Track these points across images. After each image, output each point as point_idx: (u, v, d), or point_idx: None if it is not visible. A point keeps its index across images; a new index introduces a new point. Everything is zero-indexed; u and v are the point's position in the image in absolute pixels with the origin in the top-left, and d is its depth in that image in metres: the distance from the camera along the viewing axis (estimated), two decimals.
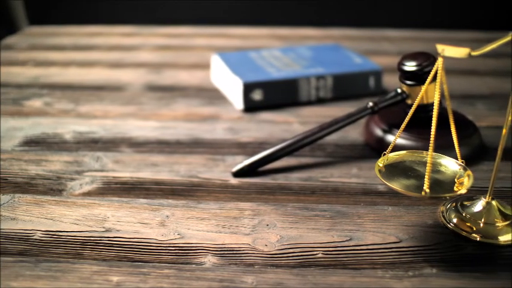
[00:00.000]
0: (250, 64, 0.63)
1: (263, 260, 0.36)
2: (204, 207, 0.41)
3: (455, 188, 0.36)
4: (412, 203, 0.42)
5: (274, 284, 0.34)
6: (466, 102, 0.62)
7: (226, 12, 0.99)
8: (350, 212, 0.41)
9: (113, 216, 0.40)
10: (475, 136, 0.50)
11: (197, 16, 0.98)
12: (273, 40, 0.87)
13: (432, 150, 0.35)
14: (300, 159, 0.49)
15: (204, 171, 0.46)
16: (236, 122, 0.56)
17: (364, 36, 0.90)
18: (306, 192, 0.44)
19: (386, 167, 0.37)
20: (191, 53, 0.80)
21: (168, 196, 0.43)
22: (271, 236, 0.38)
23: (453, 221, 0.39)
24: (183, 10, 0.99)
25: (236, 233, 0.38)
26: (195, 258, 0.36)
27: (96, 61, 0.76)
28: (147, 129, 0.54)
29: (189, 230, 0.39)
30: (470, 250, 0.37)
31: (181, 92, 0.64)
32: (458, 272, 0.35)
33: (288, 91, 0.59)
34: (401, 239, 0.38)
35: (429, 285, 0.34)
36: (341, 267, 0.35)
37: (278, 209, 0.41)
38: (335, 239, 0.38)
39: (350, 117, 0.48)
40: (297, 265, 0.35)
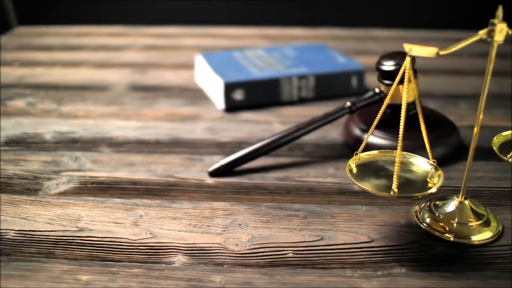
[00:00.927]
0: (233, 64, 0.62)
1: (233, 259, 0.36)
2: (178, 206, 0.41)
3: (426, 187, 0.36)
4: (387, 202, 0.42)
5: (242, 283, 0.34)
6: (450, 102, 0.62)
7: (215, 12, 0.99)
8: (323, 212, 0.41)
9: (87, 215, 0.40)
10: (454, 135, 0.50)
11: (186, 16, 0.98)
12: (261, 40, 0.87)
13: (401, 150, 0.34)
14: (278, 159, 0.49)
15: (181, 171, 0.46)
16: (217, 121, 0.56)
17: (351, 36, 0.89)
18: (281, 192, 0.43)
19: (359, 167, 0.37)
20: (178, 53, 0.80)
21: (143, 196, 0.43)
22: (243, 236, 0.38)
23: (426, 221, 0.39)
24: (172, 10, 0.99)
25: (208, 233, 0.38)
26: (165, 258, 0.36)
27: (82, 61, 0.76)
28: (127, 129, 0.54)
29: (161, 229, 0.39)
30: (441, 250, 0.37)
31: (164, 92, 0.64)
32: (427, 272, 0.35)
33: (270, 91, 0.59)
34: (373, 238, 0.38)
35: (397, 284, 0.34)
36: (310, 267, 0.35)
37: (252, 209, 0.41)
38: (306, 239, 0.38)
39: (327, 116, 0.48)
40: (267, 264, 0.35)
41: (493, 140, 0.41)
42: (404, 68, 0.35)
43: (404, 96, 0.34)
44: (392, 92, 0.36)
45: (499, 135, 0.42)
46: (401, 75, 0.35)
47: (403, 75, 0.49)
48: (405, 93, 0.34)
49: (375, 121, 0.37)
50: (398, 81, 0.36)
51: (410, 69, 0.35)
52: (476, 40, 0.35)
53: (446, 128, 0.50)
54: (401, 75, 0.36)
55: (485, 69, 0.36)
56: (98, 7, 0.99)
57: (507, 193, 0.44)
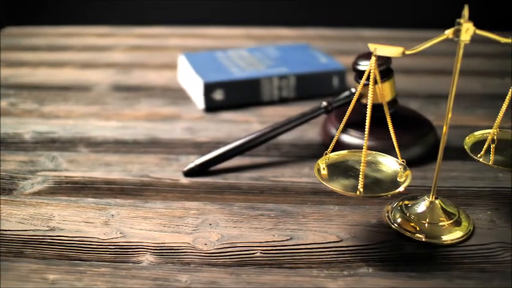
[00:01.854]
0: (214, 64, 0.62)
1: (200, 259, 0.36)
2: (151, 206, 0.41)
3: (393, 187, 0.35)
4: (359, 202, 0.42)
5: (208, 282, 0.34)
6: (431, 101, 0.62)
7: (202, 12, 0.99)
8: (295, 212, 0.41)
9: (59, 215, 0.40)
10: (431, 135, 0.50)
11: (173, 16, 0.98)
12: (247, 40, 0.87)
13: (366, 149, 0.34)
14: (254, 158, 0.49)
15: (156, 170, 0.46)
16: (196, 121, 0.56)
17: (339, 36, 0.89)
18: (255, 191, 0.44)
19: (329, 167, 0.37)
20: (163, 53, 0.80)
21: (117, 196, 0.43)
22: (212, 235, 0.38)
23: (397, 221, 0.39)
24: (159, 10, 0.99)
25: (178, 232, 0.38)
26: (133, 257, 0.36)
27: (67, 61, 0.76)
28: (106, 129, 0.54)
29: (132, 229, 0.39)
30: (410, 250, 0.37)
31: (146, 92, 0.64)
32: (394, 272, 0.35)
33: (250, 91, 0.59)
34: (343, 238, 0.38)
35: (363, 284, 0.34)
36: (277, 267, 0.35)
37: (224, 209, 0.41)
38: (275, 238, 0.38)
39: (303, 116, 0.48)
40: (234, 264, 0.35)
41: (465, 139, 0.41)
42: (370, 68, 0.35)
43: (370, 96, 0.34)
44: (358, 93, 0.36)
45: (471, 135, 0.42)
46: (372, 75, 0.35)
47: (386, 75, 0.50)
48: (370, 93, 0.34)
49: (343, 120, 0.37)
50: (372, 81, 0.36)
51: (376, 69, 0.35)
52: (443, 40, 0.35)
53: (423, 128, 0.50)
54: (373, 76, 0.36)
55: (453, 69, 0.36)
56: (86, 8, 1.00)
57: (481, 193, 0.44)
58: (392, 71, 0.49)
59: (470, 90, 0.66)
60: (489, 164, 0.38)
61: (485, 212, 0.41)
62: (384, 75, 0.48)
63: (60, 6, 1.00)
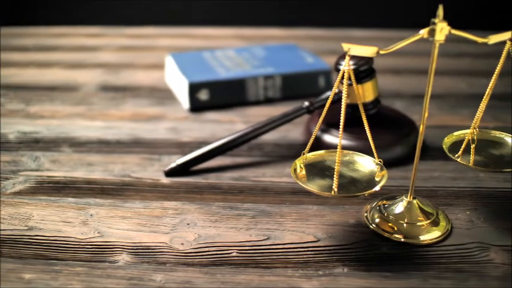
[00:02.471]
0: (200, 64, 0.62)
1: (176, 258, 0.36)
2: (130, 206, 0.41)
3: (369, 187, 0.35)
4: (338, 202, 0.42)
5: (182, 282, 0.34)
6: (416, 101, 0.62)
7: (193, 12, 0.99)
8: (273, 211, 0.41)
9: (38, 215, 0.40)
10: (413, 135, 0.50)
11: (164, 17, 0.98)
12: (237, 40, 0.87)
13: (340, 149, 0.34)
14: (236, 158, 0.49)
15: (137, 170, 0.46)
16: (180, 122, 0.56)
17: (329, 36, 0.89)
18: (234, 191, 0.44)
19: (306, 167, 0.37)
20: (152, 53, 0.80)
21: (97, 195, 0.43)
22: (189, 235, 0.38)
23: (375, 221, 0.39)
24: (150, 11, 0.99)
25: (155, 232, 0.38)
26: (109, 257, 0.36)
27: (56, 62, 0.76)
28: (91, 129, 0.54)
29: (110, 228, 0.39)
30: (386, 250, 0.37)
31: (133, 93, 0.64)
32: (369, 272, 0.35)
33: (235, 91, 0.59)
34: (320, 238, 0.38)
35: (337, 284, 0.34)
36: (252, 266, 0.35)
37: (202, 208, 0.41)
38: (252, 238, 0.38)
39: (285, 116, 0.48)
40: (209, 264, 0.35)
41: (444, 140, 0.41)
42: (344, 68, 0.35)
43: (344, 96, 0.34)
44: (333, 93, 0.35)
45: (450, 135, 0.42)
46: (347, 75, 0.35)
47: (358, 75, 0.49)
48: (345, 93, 0.34)
49: (320, 119, 0.37)
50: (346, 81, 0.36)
51: (350, 68, 0.34)
52: (417, 39, 0.35)
53: (405, 128, 0.50)
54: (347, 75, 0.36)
55: (428, 69, 0.35)
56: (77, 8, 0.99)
57: (461, 193, 0.44)
58: (375, 70, 0.49)
59: (456, 90, 0.66)
60: (466, 164, 0.38)
61: (465, 212, 0.41)
62: (366, 75, 0.48)
63: (51, 6, 1.00)
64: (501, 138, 0.41)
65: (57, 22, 0.97)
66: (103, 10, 1.01)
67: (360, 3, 0.98)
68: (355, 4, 0.98)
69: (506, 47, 0.38)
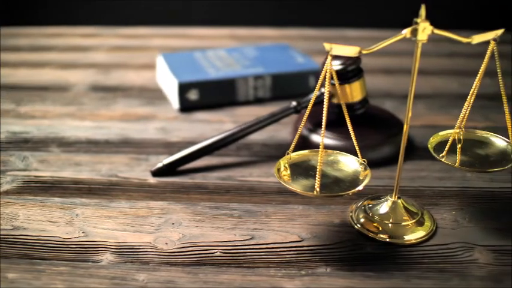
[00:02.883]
0: (191, 64, 0.62)
1: (160, 258, 0.36)
2: (116, 206, 0.41)
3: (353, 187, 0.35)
4: (324, 202, 0.42)
5: (165, 281, 0.34)
6: (406, 102, 0.62)
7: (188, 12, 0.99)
8: (259, 211, 0.41)
9: (24, 214, 0.40)
10: (401, 135, 0.49)
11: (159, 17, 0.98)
12: (230, 40, 0.86)
13: (322, 149, 0.34)
14: (224, 158, 0.49)
15: (125, 170, 0.46)
16: (170, 121, 0.56)
17: (322, 36, 0.89)
18: (221, 191, 0.44)
19: (291, 166, 0.37)
20: (145, 53, 0.79)
21: (83, 195, 0.43)
22: (174, 235, 0.38)
23: (360, 221, 0.39)
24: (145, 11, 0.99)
25: (140, 232, 0.38)
26: (93, 256, 0.36)
27: (48, 62, 0.76)
28: (80, 129, 0.54)
29: (95, 228, 0.39)
30: (370, 250, 0.37)
31: (123, 93, 0.64)
32: (351, 272, 0.35)
33: (225, 91, 0.59)
34: (304, 238, 0.38)
35: (319, 284, 0.34)
36: (235, 266, 0.35)
37: (188, 208, 0.41)
38: (236, 238, 0.38)
39: (272, 116, 0.48)
40: (192, 263, 0.35)
41: (430, 139, 0.41)
42: (326, 67, 0.35)
43: (326, 96, 0.33)
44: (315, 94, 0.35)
45: (436, 135, 0.42)
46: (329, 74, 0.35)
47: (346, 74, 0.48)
48: (326, 93, 0.34)
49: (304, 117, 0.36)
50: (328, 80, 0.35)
51: (332, 69, 0.34)
52: (400, 39, 0.35)
53: (393, 128, 0.50)
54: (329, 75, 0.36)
55: (411, 68, 0.36)
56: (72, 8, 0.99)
57: (448, 193, 0.44)
58: (362, 70, 0.49)
59: (448, 90, 0.66)
60: (451, 164, 0.38)
61: (450, 212, 0.41)
62: (353, 74, 0.48)
63: (46, 6, 1.00)
64: (487, 138, 0.41)
65: (53, 22, 0.97)
66: (99, 10, 1.01)
67: (354, 3, 0.99)
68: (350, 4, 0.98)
69: (489, 47, 0.38)
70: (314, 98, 0.36)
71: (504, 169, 0.37)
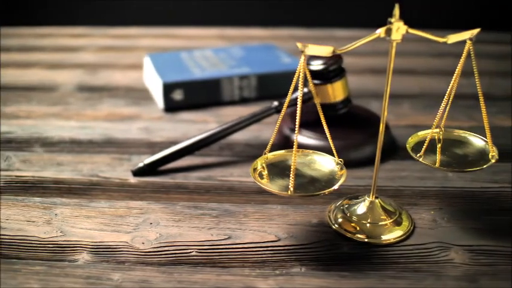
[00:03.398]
0: (176, 64, 0.63)
1: (136, 257, 0.36)
2: (95, 205, 0.41)
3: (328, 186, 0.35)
4: (303, 202, 0.42)
5: (139, 281, 0.34)
6: (392, 101, 0.62)
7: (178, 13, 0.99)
8: (237, 211, 0.41)
9: (3, 214, 0.40)
10: (384, 135, 0.49)
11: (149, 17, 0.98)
12: (219, 40, 0.86)
13: (296, 148, 0.34)
14: (205, 158, 0.49)
15: (106, 170, 0.46)
16: (154, 122, 0.56)
17: (311, 36, 0.89)
18: (200, 191, 0.44)
19: (268, 166, 0.37)
20: (133, 53, 0.80)
21: (64, 195, 0.43)
22: (151, 234, 0.38)
23: (338, 221, 0.39)
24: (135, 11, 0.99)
25: (117, 231, 0.38)
26: (70, 256, 0.36)
27: (36, 62, 0.76)
28: (65, 129, 0.54)
29: (73, 228, 0.39)
30: (346, 250, 0.37)
31: (110, 93, 0.64)
32: (326, 271, 0.35)
33: (210, 91, 0.59)
34: (280, 238, 0.38)
35: (293, 284, 0.34)
36: (210, 266, 0.35)
37: (167, 208, 0.41)
38: (213, 238, 0.38)
39: (254, 116, 0.48)
40: (168, 263, 0.35)
41: (408, 139, 0.41)
42: (300, 68, 0.35)
43: (300, 96, 0.34)
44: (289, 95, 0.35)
45: (415, 135, 0.42)
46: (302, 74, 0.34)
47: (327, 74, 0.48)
48: (300, 93, 0.34)
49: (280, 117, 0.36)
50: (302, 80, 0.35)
51: (305, 68, 0.34)
52: (374, 39, 0.35)
53: (376, 127, 0.49)
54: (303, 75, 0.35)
55: (386, 68, 0.35)
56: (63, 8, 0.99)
57: (428, 192, 0.44)
58: (344, 70, 0.50)
59: (435, 90, 0.66)
60: (428, 164, 0.37)
61: (429, 212, 0.41)
62: (335, 74, 0.48)
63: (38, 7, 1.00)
64: (465, 137, 0.42)
65: (44, 23, 0.97)
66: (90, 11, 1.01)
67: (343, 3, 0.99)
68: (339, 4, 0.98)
69: (466, 46, 0.38)
70: (288, 99, 0.35)
71: (482, 169, 0.37)
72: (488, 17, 0.98)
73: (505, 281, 0.34)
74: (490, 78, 0.70)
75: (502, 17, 0.97)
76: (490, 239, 0.38)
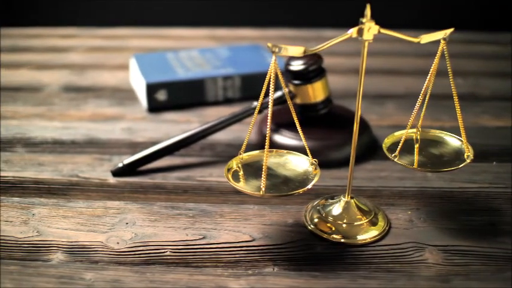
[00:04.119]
0: (161, 65, 0.62)
1: (110, 257, 0.36)
2: (73, 205, 0.41)
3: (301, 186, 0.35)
4: (280, 202, 0.42)
5: (111, 280, 0.34)
6: (376, 101, 0.62)
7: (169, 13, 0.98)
8: (214, 211, 0.41)
9: None
10: (365, 135, 0.50)
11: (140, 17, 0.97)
12: (209, 41, 0.86)
13: (268, 148, 0.34)
14: (186, 158, 0.49)
15: (86, 170, 0.47)
16: (137, 122, 0.56)
17: (300, 37, 0.89)
18: (178, 191, 0.44)
19: (244, 166, 0.37)
20: (122, 54, 0.79)
21: (42, 195, 0.43)
22: (126, 234, 0.38)
23: (314, 221, 0.39)
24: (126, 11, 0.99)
25: (93, 231, 0.38)
26: (44, 255, 0.36)
27: (25, 63, 0.75)
28: (48, 130, 0.54)
29: (49, 227, 0.39)
30: (320, 250, 0.37)
31: (95, 93, 0.64)
32: (298, 271, 0.35)
33: (194, 91, 0.59)
34: (255, 238, 0.38)
35: (264, 284, 0.34)
36: (183, 265, 0.35)
37: (144, 208, 0.41)
38: (188, 238, 0.38)
39: (234, 116, 0.48)
40: (141, 263, 0.35)
41: (385, 140, 0.41)
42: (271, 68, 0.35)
43: (271, 96, 0.34)
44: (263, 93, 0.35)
45: (391, 135, 0.41)
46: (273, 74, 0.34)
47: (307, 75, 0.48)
48: (271, 93, 0.34)
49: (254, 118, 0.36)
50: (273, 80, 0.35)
51: (277, 68, 0.34)
52: (346, 39, 0.35)
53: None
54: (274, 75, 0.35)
55: (359, 69, 0.35)
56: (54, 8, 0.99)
57: (406, 193, 0.44)
58: (325, 70, 0.50)
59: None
60: (403, 164, 0.37)
61: (406, 212, 0.41)
62: (315, 74, 0.48)
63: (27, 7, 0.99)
64: (441, 137, 0.42)
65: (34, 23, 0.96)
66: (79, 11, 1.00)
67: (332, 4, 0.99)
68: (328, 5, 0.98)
69: (440, 46, 0.38)
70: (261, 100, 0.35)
71: (456, 169, 0.37)
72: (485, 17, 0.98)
73: (477, 281, 0.34)
74: (476, 79, 0.70)
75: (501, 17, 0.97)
76: (465, 239, 0.38)
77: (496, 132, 0.54)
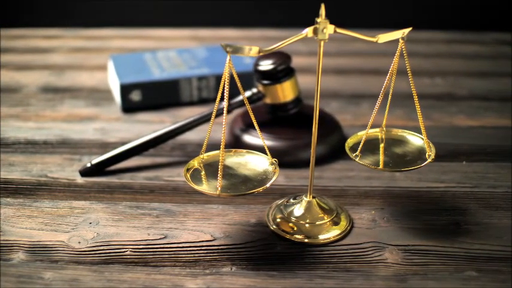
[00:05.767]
0: (137, 65, 0.62)
1: (70, 256, 0.36)
2: (38, 205, 0.42)
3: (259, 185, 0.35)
4: (245, 202, 0.42)
5: (69, 280, 0.34)
6: (352, 101, 0.62)
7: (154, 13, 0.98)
8: (178, 211, 0.41)
9: None
10: (335, 135, 0.50)
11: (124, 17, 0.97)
12: (191, 41, 0.86)
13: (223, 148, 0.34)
14: (155, 158, 0.49)
15: (55, 170, 0.47)
16: (111, 122, 0.56)
17: (283, 37, 0.88)
18: (145, 191, 0.44)
19: (205, 166, 0.37)
20: (103, 55, 0.79)
21: (9, 195, 0.43)
22: (89, 234, 0.38)
23: (276, 221, 0.40)
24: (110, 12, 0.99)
25: (56, 231, 0.39)
26: (5, 255, 0.36)
27: (4, 64, 0.75)
28: (22, 130, 0.54)
29: (13, 227, 0.39)
30: (280, 249, 0.37)
31: (72, 94, 0.64)
32: (256, 271, 0.35)
33: (169, 92, 0.59)
34: (216, 237, 0.38)
35: (220, 283, 0.34)
36: (142, 265, 0.36)
37: (109, 208, 0.41)
38: (149, 237, 0.38)
39: (203, 117, 0.48)
40: (101, 262, 0.36)
41: (348, 140, 0.41)
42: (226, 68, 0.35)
43: (226, 95, 0.34)
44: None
45: (354, 135, 0.42)
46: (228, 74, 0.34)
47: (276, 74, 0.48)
48: (226, 93, 0.34)
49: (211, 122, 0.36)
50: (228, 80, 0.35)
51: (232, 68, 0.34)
52: (301, 38, 0.35)
53: (326, 128, 0.50)
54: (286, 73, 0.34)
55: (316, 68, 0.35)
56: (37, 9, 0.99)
57: (372, 192, 0.44)
58: (294, 70, 0.50)
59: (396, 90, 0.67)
60: (364, 164, 0.37)
61: (370, 212, 0.41)
62: (284, 74, 0.48)
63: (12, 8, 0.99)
64: (404, 137, 0.42)
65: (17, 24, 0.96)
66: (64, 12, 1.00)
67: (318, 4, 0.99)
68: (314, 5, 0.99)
69: (399, 45, 0.38)
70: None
71: (418, 168, 0.37)
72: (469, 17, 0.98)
73: (434, 281, 0.34)
74: (456, 79, 0.70)
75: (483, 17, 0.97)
76: (427, 239, 0.38)
77: (468, 132, 0.55)
